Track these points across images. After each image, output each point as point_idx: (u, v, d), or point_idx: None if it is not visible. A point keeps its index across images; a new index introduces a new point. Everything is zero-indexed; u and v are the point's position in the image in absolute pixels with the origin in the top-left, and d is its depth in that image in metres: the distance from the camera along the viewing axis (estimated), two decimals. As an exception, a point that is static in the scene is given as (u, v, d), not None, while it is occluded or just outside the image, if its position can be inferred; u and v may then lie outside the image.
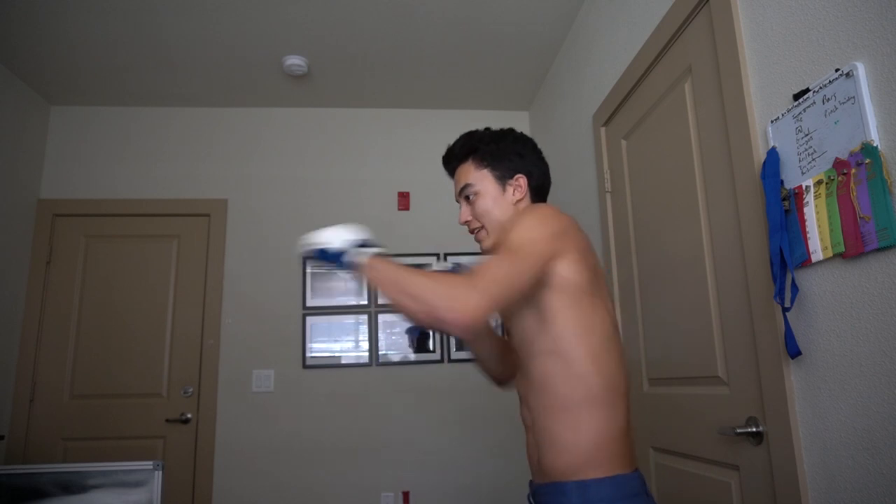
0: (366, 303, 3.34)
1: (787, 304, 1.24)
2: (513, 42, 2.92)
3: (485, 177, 1.26)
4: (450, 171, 1.34)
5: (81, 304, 3.20)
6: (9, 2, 2.49)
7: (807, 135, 1.22)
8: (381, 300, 3.29)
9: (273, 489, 3.09)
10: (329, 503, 3.09)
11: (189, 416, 3.11)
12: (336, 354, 3.29)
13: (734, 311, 1.52)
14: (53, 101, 3.36)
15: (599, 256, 1.54)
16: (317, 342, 3.28)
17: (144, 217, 3.33)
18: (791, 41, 1.29)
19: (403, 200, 3.50)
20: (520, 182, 1.26)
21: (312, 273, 3.33)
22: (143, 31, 2.73)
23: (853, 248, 1.10)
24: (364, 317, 3.34)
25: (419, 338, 3.36)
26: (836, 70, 1.14)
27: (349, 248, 1.09)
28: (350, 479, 3.13)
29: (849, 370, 1.14)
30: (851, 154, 1.10)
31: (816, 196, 1.18)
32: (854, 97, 1.10)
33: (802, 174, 1.23)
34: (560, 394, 1.08)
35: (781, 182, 1.27)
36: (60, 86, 3.20)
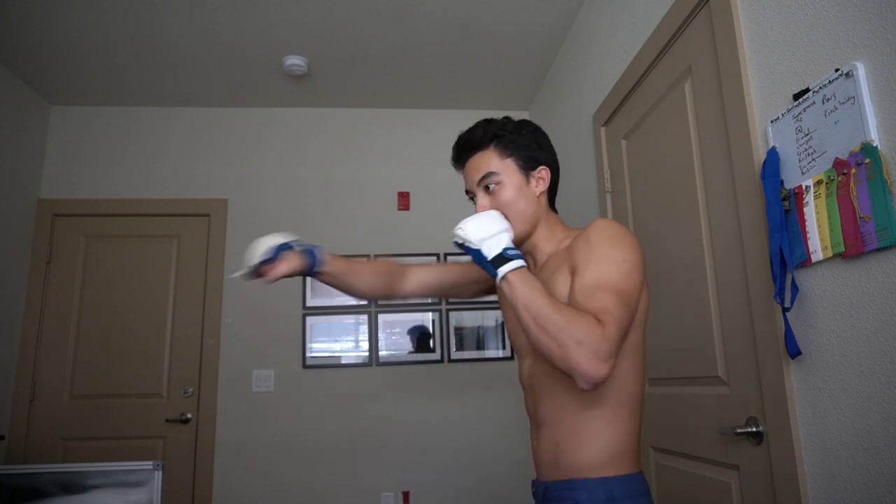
0: (366, 303, 3.34)
1: (787, 304, 1.24)
2: (513, 42, 2.92)
3: (508, 166, 1.17)
4: (463, 161, 1.22)
5: (81, 304, 3.20)
6: (9, 2, 2.48)
7: (807, 135, 1.22)
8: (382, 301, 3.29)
9: (273, 489, 3.09)
10: (329, 503, 3.09)
11: (189, 416, 3.11)
12: (336, 354, 3.29)
13: (734, 311, 1.52)
14: (53, 101, 3.36)
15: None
16: (317, 342, 3.28)
17: (144, 217, 3.33)
18: (791, 41, 1.29)
19: (403, 200, 3.50)
20: (543, 174, 1.20)
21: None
22: (143, 31, 2.73)
23: (853, 248, 1.10)
24: (364, 317, 3.34)
25: (419, 338, 3.36)
26: (836, 70, 1.14)
27: (499, 254, 1.02)
28: (350, 479, 3.13)
29: (849, 370, 1.14)
30: (851, 154, 1.10)
31: (816, 196, 1.18)
32: (854, 97, 1.10)
33: (802, 174, 1.23)
34: (602, 393, 1.05)
35: (781, 182, 1.27)
36: (60, 86, 3.20)
